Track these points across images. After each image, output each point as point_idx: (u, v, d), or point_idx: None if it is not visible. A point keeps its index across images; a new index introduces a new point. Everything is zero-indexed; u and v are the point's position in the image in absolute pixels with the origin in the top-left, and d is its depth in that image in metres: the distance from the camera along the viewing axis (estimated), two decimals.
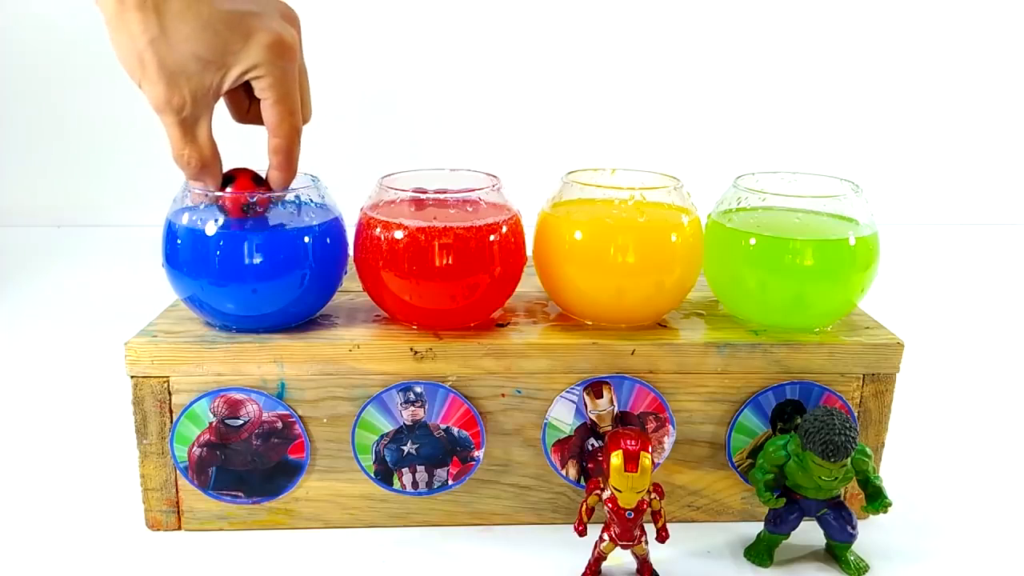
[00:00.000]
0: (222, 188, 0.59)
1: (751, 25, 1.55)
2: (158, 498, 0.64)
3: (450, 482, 0.65)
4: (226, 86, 0.54)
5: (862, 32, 1.56)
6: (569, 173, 0.68)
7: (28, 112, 1.50)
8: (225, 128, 0.60)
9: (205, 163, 0.56)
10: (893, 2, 1.55)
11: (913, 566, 0.63)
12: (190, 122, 0.54)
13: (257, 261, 0.60)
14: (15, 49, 1.47)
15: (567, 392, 0.64)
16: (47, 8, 1.45)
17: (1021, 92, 1.61)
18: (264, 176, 0.60)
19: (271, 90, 0.55)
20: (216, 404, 0.62)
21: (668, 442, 0.65)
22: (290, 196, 0.62)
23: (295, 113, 0.56)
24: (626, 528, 0.58)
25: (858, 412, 0.65)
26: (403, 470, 0.65)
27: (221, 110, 0.58)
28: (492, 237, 0.62)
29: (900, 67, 1.58)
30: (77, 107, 1.50)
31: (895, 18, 1.56)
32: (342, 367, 0.62)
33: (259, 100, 0.56)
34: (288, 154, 0.57)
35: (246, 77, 0.54)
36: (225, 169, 0.59)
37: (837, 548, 0.62)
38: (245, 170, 0.60)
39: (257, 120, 0.59)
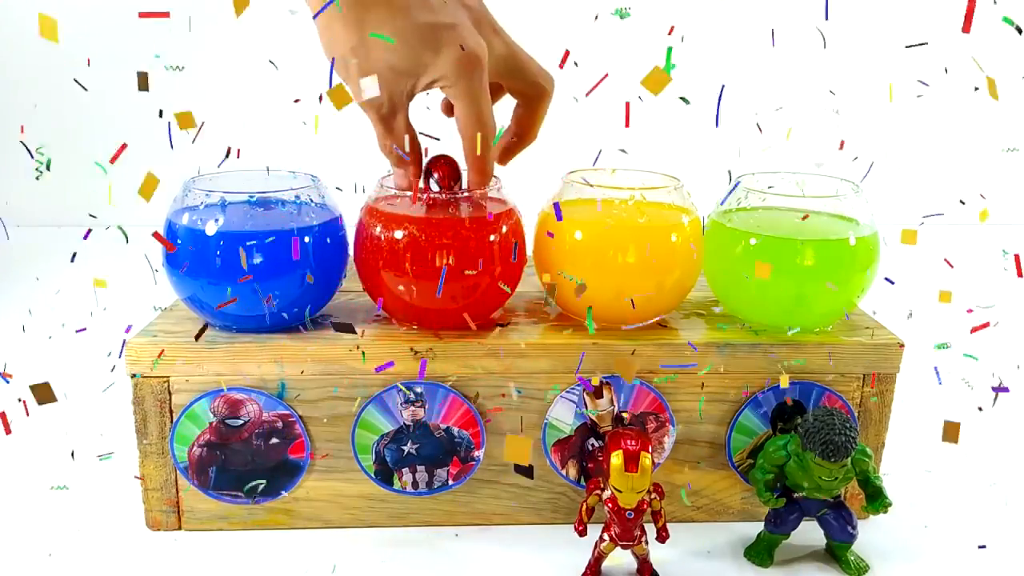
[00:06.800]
0: (425, 175, 0.63)
1: (751, 25, 1.55)
2: (158, 498, 0.64)
3: (450, 482, 0.65)
4: (418, 91, 0.59)
5: (862, 33, 1.56)
6: (569, 173, 0.68)
7: (28, 112, 1.50)
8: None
9: (404, 151, 0.60)
10: (893, 3, 1.55)
11: (913, 566, 0.63)
12: (388, 117, 0.59)
13: (257, 261, 0.60)
14: (16, 49, 1.47)
15: (567, 392, 0.64)
16: (47, 9, 1.45)
17: (1021, 92, 1.61)
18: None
19: (458, 100, 0.58)
20: (216, 404, 0.62)
21: (668, 442, 0.65)
22: (290, 196, 0.62)
23: (482, 121, 0.59)
24: (626, 528, 0.58)
25: (858, 412, 0.65)
26: (403, 470, 0.65)
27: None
28: (492, 237, 0.62)
29: (900, 67, 1.58)
30: (78, 107, 1.50)
31: (895, 18, 1.56)
32: (342, 367, 0.62)
33: None
34: (475, 159, 0.60)
35: (436, 86, 0.58)
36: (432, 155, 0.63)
37: (837, 548, 0.62)
38: (445, 159, 0.64)
39: None
